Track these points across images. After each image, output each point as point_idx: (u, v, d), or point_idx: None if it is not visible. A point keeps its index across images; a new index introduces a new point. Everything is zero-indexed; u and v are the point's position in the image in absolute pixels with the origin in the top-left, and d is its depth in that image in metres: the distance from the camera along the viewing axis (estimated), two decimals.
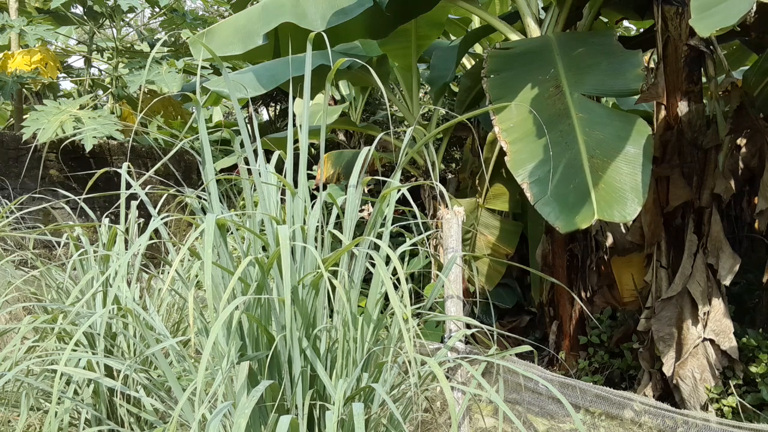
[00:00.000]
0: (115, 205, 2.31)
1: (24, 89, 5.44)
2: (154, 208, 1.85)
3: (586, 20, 3.63)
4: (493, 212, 4.19)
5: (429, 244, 3.59)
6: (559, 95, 2.85)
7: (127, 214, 2.30)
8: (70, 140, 4.71)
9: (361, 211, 4.02)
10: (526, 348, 1.91)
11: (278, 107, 7.98)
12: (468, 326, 1.92)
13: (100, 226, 2.47)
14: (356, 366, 1.52)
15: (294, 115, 1.81)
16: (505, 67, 3.08)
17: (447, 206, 2.01)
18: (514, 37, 3.50)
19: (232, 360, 1.44)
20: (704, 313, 3.06)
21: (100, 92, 5.84)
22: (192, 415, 1.56)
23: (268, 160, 1.84)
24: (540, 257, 3.69)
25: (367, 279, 1.69)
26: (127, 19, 6.00)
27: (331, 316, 1.61)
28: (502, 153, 2.92)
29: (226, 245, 1.56)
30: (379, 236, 1.62)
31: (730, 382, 3.03)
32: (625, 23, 5.47)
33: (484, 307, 3.80)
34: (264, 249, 1.63)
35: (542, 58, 3.05)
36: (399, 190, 1.67)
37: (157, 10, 5.75)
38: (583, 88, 2.84)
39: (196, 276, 2.08)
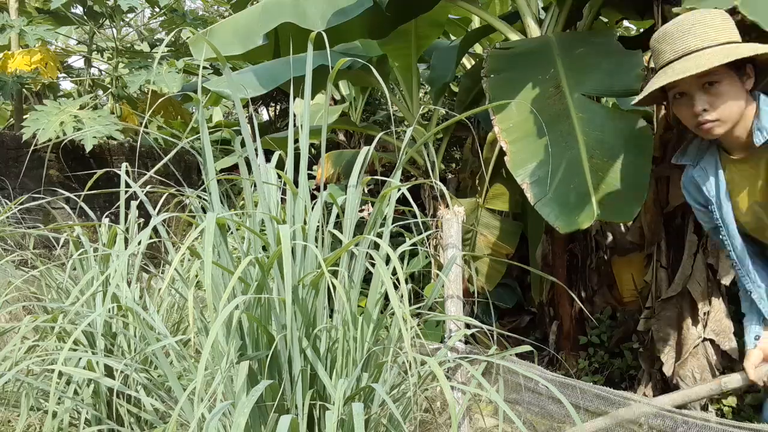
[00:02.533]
0: (116, 205, 2.31)
1: (24, 89, 5.44)
2: (155, 208, 1.85)
3: (586, 20, 3.63)
4: (493, 212, 4.19)
5: (429, 244, 3.59)
6: (559, 95, 2.85)
7: (127, 214, 2.30)
8: (70, 140, 4.71)
9: (361, 211, 4.02)
10: (526, 348, 1.91)
11: (278, 107, 7.99)
12: (468, 326, 1.92)
13: (100, 226, 2.48)
14: (356, 366, 1.52)
15: (294, 115, 1.81)
16: (505, 67, 3.08)
17: (447, 206, 2.01)
18: (514, 37, 3.50)
19: (231, 360, 1.44)
20: (704, 313, 3.06)
21: (100, 92, 5.83)
22: (192, 414, 1.56)
23: (268, 161, 1.84)
24: (540, 257, 3.69)
25: (367, 279, 1.69)
26: (127, 19, 6.00)
27: (331, 316, 1.61)
28: (502, 153, 2.92)
29: (226, 245, 1.56)
30: (379, 236, 1.62)
31: None
32: (625, 23, 5.47)
33: (484, 307, 3.80)
34: (264, 249, 1.63)
35: (542, 58, 3.05)
36: (399, 190, 1.67)
37: (157, 10, 5.75)
38: (583, 88, 2.84)
39: (196, 276, 2.08)
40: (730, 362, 3.05)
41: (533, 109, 2.78)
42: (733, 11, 1.89)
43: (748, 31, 3.29)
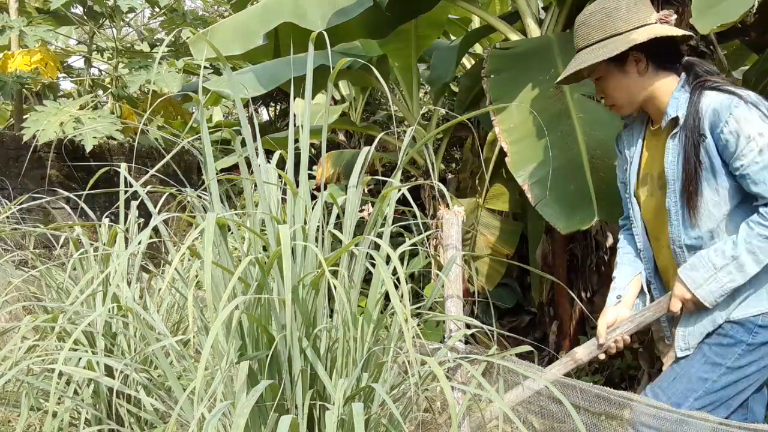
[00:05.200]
0: (116, 205, 2.31)
1: (24, 89, 5.44)
2: (154, 208, 1.85)
3: None
4: (493, 212, 4.19)
5: (429, 244, 3.59)
6: (560, 95, 2.85)
7: (126, 214, 2.30)
8: (70, 140, 4.71)
9: (361, 211, 4.02)
10: (526, 348, 1.91)
11: (278, 107, 7.99)
12: (468, 326, 1.92)
13: (100, 226, 2.47)
14: (356, 366, 1.52)
15: (294, 115, 1.81)
16: (505, 67, 3.08)
17: (447, 206, 2.01)
18: (514, 37, 3.50)
19: (231, 360, 1.44)
20: None
21: (100, 92, 5.83)
22: (192, 414, 1.56)
23: (268, 161, 1.84)
24: (540, 257, 3.69)
25: (366, 279, 1.69)
26: (127, 19, 6.00)
27: (331, 316, 1.61)
28: (502, 153, 2.92)
29: (226, 245, 1.56)
30: (379, 236, 1.61)
31: None
32: None
33: (484, 307, 3.80)
34: (264, 249, 1.63)
35: (543, 58, 3.05)
36: (399, 190, 1.67)
37: (157, 10, 5.75)
38: (583, 89, 2.84)
39: (196, 276, 2.08)
40: None
41: (533, 109, 2.77)
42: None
43: (748, 30, 3.29)
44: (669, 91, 1.77)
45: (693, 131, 1.69)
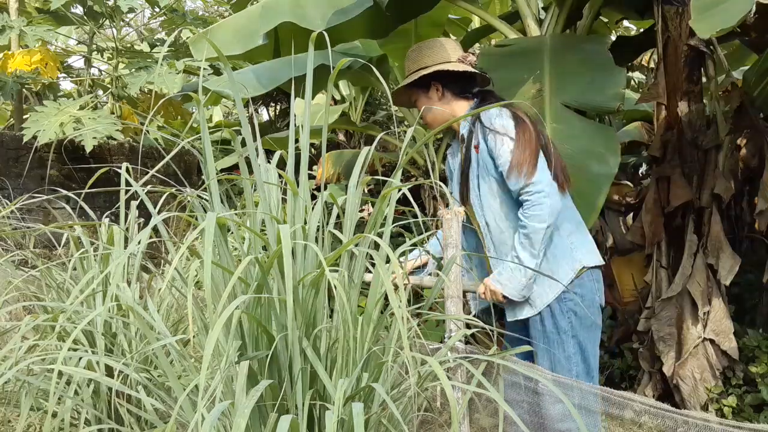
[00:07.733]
0: (116, 206, 2.32)
1: (24, 89, 5.44)
2: (154, 208, 1.85)
3: (586, 20, 3.62)
4: None
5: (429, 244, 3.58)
6: (539, 99, 2.83)
7: (126, 214, 2.30)
8: (70, 140, 4.71)
9: (361, 211, 4.01)
10: (527, 348, 1.91)
11: (278, 107, 7.99)
12: (468, 326, 1.92)
13: (100, 226, 2.47)
14: (356, 366, 1.52)
15: (294, 115, 1.81)
16: (495, 66, 3.06)
17: (447, 206, 2.01)
18: (514, 37, 3.50)
19: (231, 360, 1.44)
20: (704, 313, 3.06)
21: (100, 92, 5.83)
22: (191, 414, 1.56)
23: (268, 161, 1.84)
24: None
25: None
26: (127, 19, 6.00)
27: (331, 316, 1.61)
28: None
29: (226, 244, 1.56)
30: (380, 236, 1.61)
31: (730, 381, 3.04)
32: (625, 23, 5.48)
33: (484, 307, 3.79)
34: (264, 249, 1.63)
35: (533, 60, 3.03)
36: (399, 190, 1.67)
37: (157, 10, 5.75)
38: (563, 97, 2.82)
39: (196, 275, 2.08)
40: (730, 362, 3.05)
41: None
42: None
43: (748, 30, 3.29)
44: (459, 114, 2.26)
45: (469, 143, 2.19)
